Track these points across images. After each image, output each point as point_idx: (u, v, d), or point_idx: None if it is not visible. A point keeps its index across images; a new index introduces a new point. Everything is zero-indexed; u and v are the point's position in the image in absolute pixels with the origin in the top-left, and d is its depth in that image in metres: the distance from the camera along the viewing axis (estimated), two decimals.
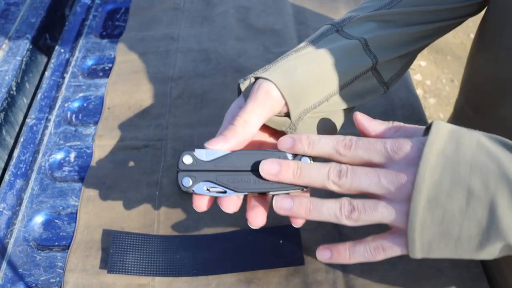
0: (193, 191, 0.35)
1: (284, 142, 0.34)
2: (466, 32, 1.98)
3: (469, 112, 0.53)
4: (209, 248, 0.46)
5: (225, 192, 0.34)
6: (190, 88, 0.68)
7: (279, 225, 0.48)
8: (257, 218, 0.35)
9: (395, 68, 0.44)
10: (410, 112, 0.63)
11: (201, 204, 0.36)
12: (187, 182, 0.34)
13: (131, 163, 0.58)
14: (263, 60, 0.72)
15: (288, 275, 0.48)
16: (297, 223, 0.37)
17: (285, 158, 0.34)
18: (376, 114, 0.63)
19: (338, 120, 0.42)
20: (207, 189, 0.34)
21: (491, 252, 0.29)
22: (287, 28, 0.77)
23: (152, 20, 0.79)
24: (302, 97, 0.37)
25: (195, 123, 0.63)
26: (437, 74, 1.83)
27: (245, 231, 0.49)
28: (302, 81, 0.38)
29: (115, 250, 0.48)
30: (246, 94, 0.38)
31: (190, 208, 0.54)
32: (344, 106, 0.41)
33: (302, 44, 0.42)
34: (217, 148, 0.34)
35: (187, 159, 0.34)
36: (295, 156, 0.34)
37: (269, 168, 0.33)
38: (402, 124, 0.36)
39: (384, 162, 0.32)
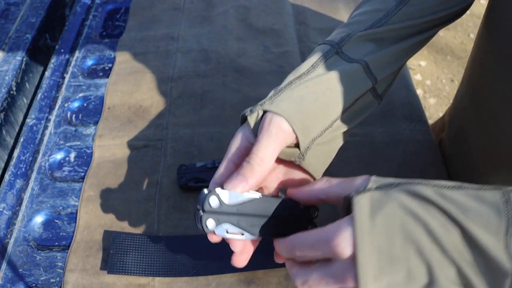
0: (214, 232, 0.35)
1: None
2: (466, 32, 1.98)
3: (466, 102, 0.53)
4: (209, 248, 0.46)
5: (242, 234, 0.35)
6: (190, 88, 0.68)
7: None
8: (243, 261, 0.37)
9: (388, 81, 0.45)
10: (410, 112, 0.63)
11: (217, 240, 0.37)
12: (211, 224, 0.34)
13: (131, 163, 0.58)
14: (263, 60, 0.72)
15: (288, 275, 0.48)
16: (279, 261, 0.38)
17: (298, 206, 0.37)
18: (376, 114, 0.63)
19: (339, 143, 0.42)
20: (227, 231, 0.35)
21: None
22: (287, 28, 0.77)
23: (152, 20, 0.79)
24: (310, 127, 0.38)
25: (195, 123, 0.63)
26: (437, 74, 1.83)
27: None
28: (310, 112, 0.38)
29: (115, 251, 0.49)
30: (256, 129, 0.38)
31: (190, 208, 0.54)
32: (345, 128, 0.41)
33: (303, 69, 0.42)
34: (238, 190, 0.35)
35: (213, 201, 0.34)
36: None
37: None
38: (329, 182, 0.36)
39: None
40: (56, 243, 0.52)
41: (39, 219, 0.54)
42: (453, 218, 0.28)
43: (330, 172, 0.57)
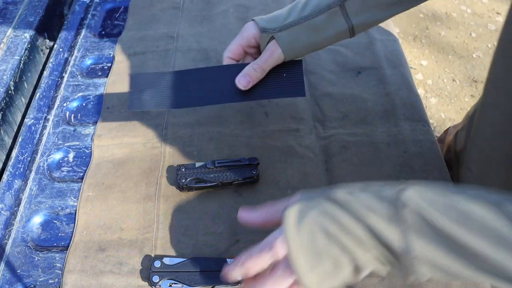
0: (160, 286, 0.46)
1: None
2: (467, 32, 1.97)
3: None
4: (218, 79, 0.55)
5: (182, 286, 0.46)
6: None
7: (284, 62, 0.54)
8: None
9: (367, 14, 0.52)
10: (411, 112, 0.63)
11: None
12: (155, 279, 0.46)
13: (130, 163, 0.58)
14: None
15: None
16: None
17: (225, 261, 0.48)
18: (377, 114, 0.63)
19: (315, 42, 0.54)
20: (170, 285, 0.47)
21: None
22: None
23: (151, 19, 0.79)
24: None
25: (195, 123, 0.62)
26: (438, 73, 1.83)
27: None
28: (301, 49, 0.54)
29: (134, 89, 0.52)
30: (264, 43, 0.54)
31: (189, 208, 0.53)
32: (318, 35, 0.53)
33: (311, 11, 0.52)
34: (242, 85, 0.53)
35: (157, 264, 0.47)
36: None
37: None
38: (273, 207, 0.43)
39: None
40: (55, 244, 0.52)
41: (37, 219, 0.54)
42: (358, 216, 0.35)
43: (331, 172, 0.57)
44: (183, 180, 0.53)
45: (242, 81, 0.52)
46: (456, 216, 0.33)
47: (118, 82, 0.68)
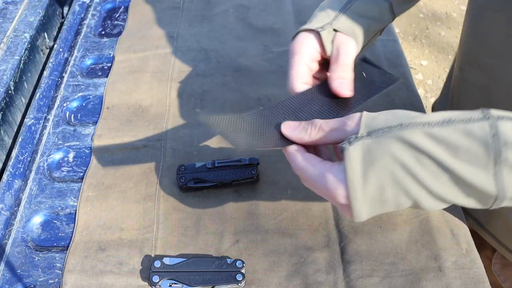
0: (160, 286, 0.46)
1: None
2: None
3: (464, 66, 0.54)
4: (312, 103, 0.46)
5: (182, 286, 0.47)
6: (189, 88, 0.67)
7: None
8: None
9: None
10: None
11: None
12: (155, 279, 0.46)
13: (130, 163, 0.58)
14: (263, 60, 0.71)
15: (288, 275, 0.48)
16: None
17: (225, 261, 0.47)
18: None
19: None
20: (170, 285, 0.47)
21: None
22: (287, 27, 0.76)
23: (151, 19, 0.79)
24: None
25: (195, 123, 0.63)
26: (438, 73, 1.83)
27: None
28: (361, 34, 0.48)
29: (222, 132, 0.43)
30: (330, 49, 0.46)
31: (190, 209, 0.53)
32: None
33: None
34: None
35: (157, 264, 0.47)
36: (243, 276, 0.46)
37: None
38: (319, 124, 0.39)
39: None
40: (55, 244, 0.52)
41: (37, 219, 0.54)
42: (442, 164, 0.31)
43: None
44: (183, 180, 0.53)
45: (344, 88, 0.44)
46: None
47: (118, 82, 0.68)
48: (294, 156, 0.39)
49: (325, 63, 0.47)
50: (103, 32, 0.78)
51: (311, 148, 0.41)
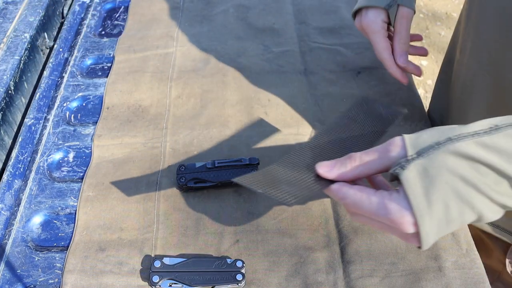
0: (160, 286, 0.47)
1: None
2: None
3: (457, 54, 0.57)
4: (361, 117, 0.47)
5: (182, 286, 0.47)
6: (189, 88, 0.67)
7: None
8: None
9: None
10: (411, 112, 0.63)
11: None
12: (155, 279, 0.46)
13: (130, 163, 0.58)
14: (263, 60, 0.71)
15: (288, 276, 0.48)
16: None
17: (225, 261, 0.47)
18: None
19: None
20: (170, 285, 0.47)
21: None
22: (287, 27, 0.76)
23: (151, 19, 0.79)
24: None
25: (195, 123, 0.62)
26: (437, 73, 1.83)
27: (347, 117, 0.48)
28: None
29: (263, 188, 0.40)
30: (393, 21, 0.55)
31: (190, 209, 0.53)
32: None
33: None
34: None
35: (157, 264, 0.47)
36: (243, 276, 0.46)
37: None
38: (359, 156, 0.37)
39: None
40: (55, 244, 0.52)
41: (37, 219, 0.54)
42: (500, 171, 0.31)
43: None
44: (183, 180, 0.53)
45: (402, 60, 0.54)
46: None
47: (118, 82, 0.68)
48: (343, 191, 0.36)
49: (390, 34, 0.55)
50: (103, 32, 0.78)
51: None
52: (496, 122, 0.33)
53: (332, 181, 0.38)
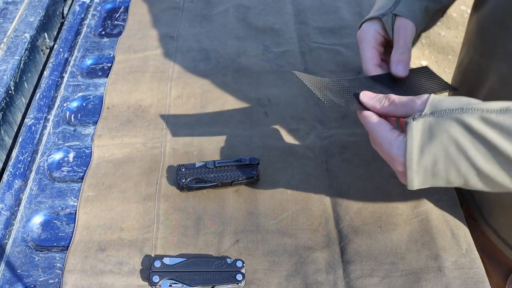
0: (160, 286, 0.47)
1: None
2: None
3: (476, 57, 0.57)
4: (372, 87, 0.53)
5: (182, 286, 0.47)
6: (189, 88, 0.67)
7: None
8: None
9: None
10: None
11: None
12: (156, 279, 0.46)
13: (130, 163, 0.58)
14: (263, 60, 0.71)
15: (288, 275, 0.48)
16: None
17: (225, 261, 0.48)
18: None
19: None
20: (170, 285, 0.47)
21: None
22: (287, 27, 0.76)
23: (151, 19, 0.79)
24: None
25: (195, 123, 0.63)
26: (438, 73, 1.83)
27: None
28: (422, 15, 0.54)
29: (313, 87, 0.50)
30: (391, 32, 0.53)
31: (189, 208, 0.53)
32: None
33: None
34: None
35: (157, 264, 0.47)
36: (243, 276, 0.47)
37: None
38: (393, 99, 0.44)
39: None
40: (55, 244, 0.52)
41: (37, 219, 0.54)
42: (496, 147, 0.35)
43: (331, 172, 0.57)
44: (183, 180, 0.53)
45: (400, 69, 0.51)
46: None
47: (118, 82, 0.68)
48: (369, 116, 0.44)
49: (391, 46, 0.53)
50: (103, 32, 0.78)
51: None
52: (509, 105, 0.36)
53: (367, 108, 0.46)
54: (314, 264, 0.48)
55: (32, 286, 0.48)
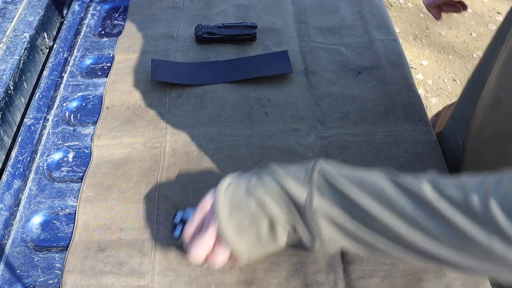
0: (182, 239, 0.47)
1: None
2: (468, 31, 1.97)
3: (502, 98, 0.52)
4: (222, 67, 0.69)
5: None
6: (189, 88, 0.67)
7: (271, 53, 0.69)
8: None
9: None
10: (412, 112, 0.63)
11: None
12: (177, 233, 0.48)
13: (130, 163, 0.58)
14: None
15: (288, 276, 0.47)
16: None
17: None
18: (377, 114, 0.63)
19: None
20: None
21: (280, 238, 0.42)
22: (287, 27, 0.76)
23: (151, 19, 0.79)
24: None
25: (195, 123, 0.62)
26: (439, 73, 1.83)
27: (250, 57, 0.70)
28: None
29: (154, 68, 0.66)
30: None
31: (189, 209, 0.53)
32: None
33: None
34: None
35: (179, 215, 0.49)
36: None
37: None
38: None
39: None
40: (54, 244, 0.52)
41: (37, 219, 0.54)
42: (277, 179, 0.41)
43: None
44: (200, 33, 0.71)
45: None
46: (354, 180, 0.38)
47: (118, 82, 0.68)
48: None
49: None
50: (103, 32, 0.78)
51: None
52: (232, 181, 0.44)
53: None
54: (314, 264, 0.48)
55: (32, 286, 0.48)
